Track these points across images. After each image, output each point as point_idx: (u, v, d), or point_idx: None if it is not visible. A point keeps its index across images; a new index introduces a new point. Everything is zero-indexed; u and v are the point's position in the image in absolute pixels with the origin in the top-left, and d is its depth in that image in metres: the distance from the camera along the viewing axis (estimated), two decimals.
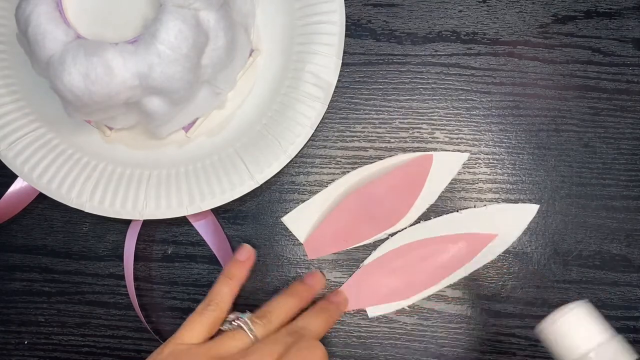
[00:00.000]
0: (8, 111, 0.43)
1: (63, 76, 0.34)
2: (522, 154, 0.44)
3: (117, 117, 0.40)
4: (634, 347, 0.40)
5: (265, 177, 0.42)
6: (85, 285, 0.46)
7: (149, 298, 0.45)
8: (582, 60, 0.45)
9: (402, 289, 0.44)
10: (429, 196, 0.44)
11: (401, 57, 0.45)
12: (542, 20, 0.45)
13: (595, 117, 0.44)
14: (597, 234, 0.44)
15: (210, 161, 0.43)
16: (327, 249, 0.44)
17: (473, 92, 0.45)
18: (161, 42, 0.35)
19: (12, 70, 0.44)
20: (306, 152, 0.45)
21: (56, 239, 0.46)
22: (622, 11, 0.45)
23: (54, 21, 0.35)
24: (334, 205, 0.44)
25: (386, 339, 0.44)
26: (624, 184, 0.44)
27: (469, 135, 0.45)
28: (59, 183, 0.42)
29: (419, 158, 0.44)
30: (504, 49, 0.45)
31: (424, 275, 0.44)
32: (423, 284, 0.44)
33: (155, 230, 0.45)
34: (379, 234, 0.44)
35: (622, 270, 0.44)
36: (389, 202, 0.44)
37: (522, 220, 0.44)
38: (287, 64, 0.43)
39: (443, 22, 0.45)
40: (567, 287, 0.44)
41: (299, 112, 0.42)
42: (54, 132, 0.43)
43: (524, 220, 0.44)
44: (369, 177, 0.44)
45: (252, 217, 0.45)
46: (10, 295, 0.46)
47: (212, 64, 0.38)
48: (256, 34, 0.44)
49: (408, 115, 0.45)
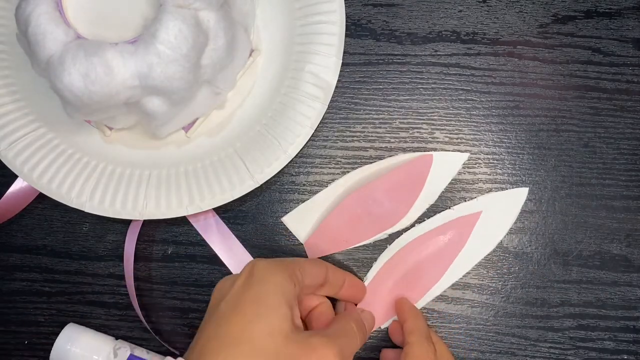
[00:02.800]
0: (8, 111, 0.43)
1: (63, 76, 0.34)
2: (522, 154, 0.44)
3: (117, 117, 0.40)
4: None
5: (265, 177, 0.42)
6: (85, 285, 0.46)
7: (149, 298, 0.45)
8: (582, 60, 0.45)
9: (408, 296, 0.44)
10: (429, 196, 0.44)
11: (401, 57, 0.45)
12: (542, 20, 0.45)
13: (595, 117, 0.44)
14: (597, 234, 0.44)
15: (210, 161, 0.43)
16: (328, 249, 0.44)
17: (473, 92, 0.45)
18: (161, 42, 0.35)
19: (12, 70, 0.44)
20: (306, 152, 0.45)
21: (56, 239, 0.46)
22: (622, 11, 0.45)
23: (54, 21, 0.35)
24: (334, 206, 0.44)
25: (386, 340, 0.44)
26: (624, 184, 0.44)
27: (469, 135, 0.45)
28: (59, 183, 0.42)
29: (419, 158, 0.44)
30: (504, 49, 0.45)
31: (424, 276, 0.44)
32: (425, 285, 0.44)
33: (155, 230, 0.45)
34: (379, 234, 0.44)
35: (622, 270, 0.44)
36: (389, 202, 0.44)
37: (513, 205, 0.44)
38: (287, 64, 0.43)
39: (443, 22, 0.45)
40: (567, 287, 0.44)
41: (299, 112, 0.42)
42: (54, 132, 0.43)
43: (516, 205, 0.44)
44: (369, 177, 0.44)
45: (252, 217, 0.45)
46: (10, 295, 0.46)
47: (212, 64, 0.38)
48: (256, 34, 0.44)
49: (408, 115, 0.45)
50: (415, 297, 0.44)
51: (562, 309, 0.44)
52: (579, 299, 0.44)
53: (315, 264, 0.38)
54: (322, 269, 0.38)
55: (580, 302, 0.44)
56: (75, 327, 0.44)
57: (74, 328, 0.44)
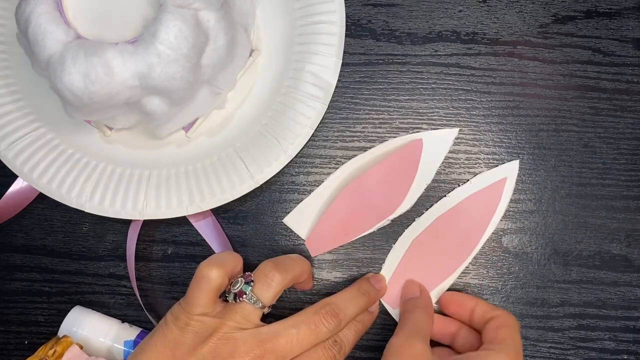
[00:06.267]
0: (8, 111, 0.43)
1: (63, 76, 0.34)
2: (522, 154, 0.44)
3: (117, 117, 0.40)
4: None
5: (265, 177, 0.42)
6: (85, 285, 0.46)
7: (149, 298, 0.45)
8: (582, 60, 0.45)
9: (439, 273, 0.44)
10: (425, 176, 0.44)
11: (401, 57, 0.45)
12: (542, 20, 0.45)
13: (595, 117, 0.44)
14: (597, 234, 0.44)
15: (210, 161, 0.43)
16: (329, 245, 0.44)
17: (473, 92, 0.45)
18: (161, 42, 0.35)
19: (12, 70, 0.44)
20: (306, 152, 0.45)
21: (56, 239, 0.46)
22: (622, 11, 0.45)
23: (54, 21, 0.35)
24: (330, 201, 0.44)
25: (387, 340, 0.44)
26: (624, 184, 0.44)
27: (469, 135, 0.45)
28: (59, 183, 0.42)
29: (409, 144, 0.44)
30: (504, 49, 0.45)
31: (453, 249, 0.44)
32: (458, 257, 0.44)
33: (155, 230, 0.45)
34: (381, 222, 0.44)
35: (622, 270, 0.44)
36: (383, 191, 0.44)
37: (509, 178, 0.44)
38: (287, 64, 0.43)
39: (443, 22, 0.45)
40: (567, 287, 0.44)
41: (299, 112, 0.42)
42: (54, 132, 0.43)
43: (511, 178, 0.44)
44: (363, 167, 0.44)
45: (252, 217, 0.45)
46: (10, 295, 0.46)
47: (212, 64, 0.38)
48: (256, 34, 0.44)
49: (408, 115, 0.45)
50: (448, 273, 0.44)
51: (562, 309, 0.44)
52: (579, 299, 0.44)
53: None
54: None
55: (580, 302, 0.44)
56: (82, 310, 0.44)
57: (80, 310, 0.44)
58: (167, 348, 0.36)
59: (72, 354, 0.40)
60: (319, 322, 0.37)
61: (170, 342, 0.36)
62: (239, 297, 0.37)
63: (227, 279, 0.38)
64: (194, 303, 0.36)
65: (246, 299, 0.37)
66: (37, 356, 0.40)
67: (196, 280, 0.37)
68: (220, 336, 0.36)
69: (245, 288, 0.37)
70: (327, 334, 0.37)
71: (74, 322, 0.43)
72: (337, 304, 0.38)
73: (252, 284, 0.37)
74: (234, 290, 0.37)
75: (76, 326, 0.43)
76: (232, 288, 0.37)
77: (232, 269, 0.38)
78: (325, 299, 0.39)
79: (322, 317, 0.37)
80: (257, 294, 0.37)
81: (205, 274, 0.37)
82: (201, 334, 0.36)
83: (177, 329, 0.36)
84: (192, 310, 0.36)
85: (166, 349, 0.36)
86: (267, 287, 0.37)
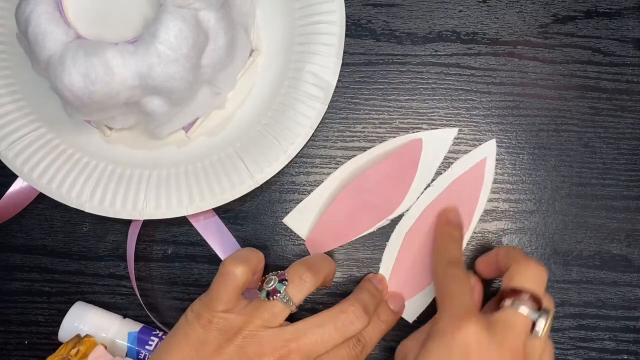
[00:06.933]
0: (8, 111, 0.43)
1: (63, 76, 0.34)
2: (522, 154, 0.44)
3: (117, 117, 0.40)
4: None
5: (265, 177, 0.42)
6: (85, 285, 0.46)
7: (149, 298, 0.45)
8: (582, 60, 0.45)
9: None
10: (425, 176, 0.44)
11: (401, 57, 0.45)
12: (542, 20, 0.45)
13: (595, 117, 0.44)
14: (597, 234, 0.44)
15: (210, 161, 0.43)
16: (329, 245, 0.44)
17: (473, 92, 0.45)
18: (161, 42, 0.35)
19: (12, 70, 0.44)
20: (306, 152, 0.45)
21: (56, 239, 0.46)
22: (622, 11, 0.45)
23: (54, 21, 0.35)
24: (330, 201, 0.44)
25: (385, 341, 0.44)
26: (624, 184, 0.44)
27: (469, 135, 0.45)
28: (59, 183, 0.42)
29: (409, 144, 0.44)
30: (504, 49, 0.45)
31: None
32: None
33: (155, 230, 0.45)
34: (381, 222, 0.44)
35: (622, 270, 0.44)
36: (384, 190, 0.44)
37: (488, 157, 0.44)
38: (287, 64, 0.43)
39: (443, 22, 0.45)
40: (567, 287, 0.44)
41: (299, 112, 0.42)
42: (54, 132, 0.43)
43: (491, 157, 0.44)
44: (363, 167, 0.44)
45: (252, 217, 0.45)
46: (10, 295, 0.46)
47: (212, 64, 0.38)
48: (256, 34, 0.44)
49: (408, 115, 0.45)
50: None
51: (562, 309, 0.44)
52: (579, 299, 0.44)
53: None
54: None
55: (580, 302, 0.44)
56: (83, 305, 0.44)
57: (81, 306, 0.44)
58: (190, 348, 0.35)
59: (98, 354, 0.40)
60: (347, 321, 0.37)
61: (193, 341, 0.35)
62: (272, 295, 0.36)
63: (251, 276, 0.37)
64: (218, 299, 0.36)
65: (279, 298, 0.36)
66: (58, 355, 0.40)
67: (221, 277, 0.36)
68: (246, 334, 0.35)
69: (280, 287, 0.36)
70: (353, 332, 0.37)
71: (76, 317, 0.43)
72: (364, 302, 0.38)
73: (286, 283, 0.37)
74: (268, 288, 0.37)
75: (78, 321, 0.43)
76: (266, 285, 0.37)
77: (256, 266, 0.38)
78: (349, 298, 0.38)
79: (351, 315, 0.37)
80: (289, 294, 0.36)
81: (230, 271, 0.36)
82: (225, 332, 0.35)
83: (200, 327, 0.36)
84: (215, 307, 0.36)
85: (190, 349, 0.35)
86: (300, 287, 0.37)
